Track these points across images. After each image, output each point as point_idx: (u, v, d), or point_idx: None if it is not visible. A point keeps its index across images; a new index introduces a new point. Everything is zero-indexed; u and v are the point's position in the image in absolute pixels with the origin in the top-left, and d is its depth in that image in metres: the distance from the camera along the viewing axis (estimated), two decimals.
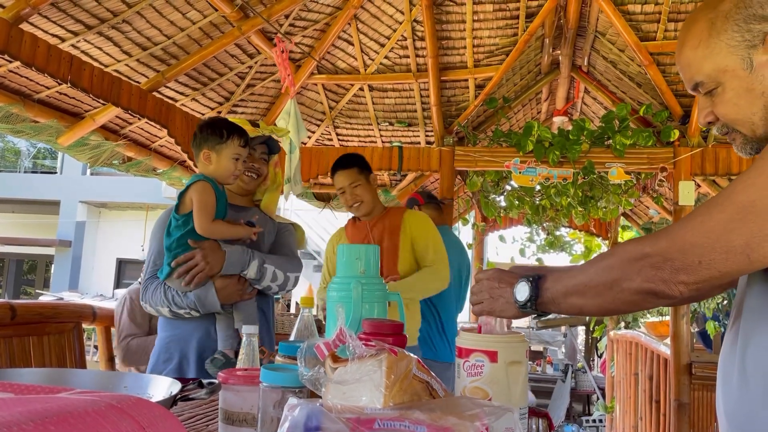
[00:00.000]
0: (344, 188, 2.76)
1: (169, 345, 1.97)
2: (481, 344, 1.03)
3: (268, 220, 2.15)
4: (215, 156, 1.92)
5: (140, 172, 4.36)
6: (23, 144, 17.16)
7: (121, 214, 16.35)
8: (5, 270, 17.73)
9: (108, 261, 16.27)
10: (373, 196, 2.80)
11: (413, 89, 4.69)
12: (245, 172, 2.06)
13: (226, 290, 1.88)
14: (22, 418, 0.47)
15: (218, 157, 1.92)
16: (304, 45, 4.24)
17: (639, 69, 4.24)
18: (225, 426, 1.01)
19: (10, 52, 2.66)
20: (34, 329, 2.13)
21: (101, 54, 3.43)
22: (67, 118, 3.67)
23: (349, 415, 0.75)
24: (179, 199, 1.91)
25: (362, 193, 2.75)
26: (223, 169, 1.92)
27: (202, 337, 1.94)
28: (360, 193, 2.75)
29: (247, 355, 1.27)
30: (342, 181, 2.76)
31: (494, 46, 4.43)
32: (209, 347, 1.91)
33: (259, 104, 4.57)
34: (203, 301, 1.86)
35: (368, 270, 1.31)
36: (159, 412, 0.62)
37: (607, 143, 4.32)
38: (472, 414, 0.73)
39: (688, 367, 4.06)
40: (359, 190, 2.75)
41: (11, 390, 0.59)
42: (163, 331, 2.01)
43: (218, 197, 1.91)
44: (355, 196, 2.75)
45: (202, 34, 3.67)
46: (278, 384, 0.93)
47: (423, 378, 0.84)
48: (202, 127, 1.96)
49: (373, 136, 5.13)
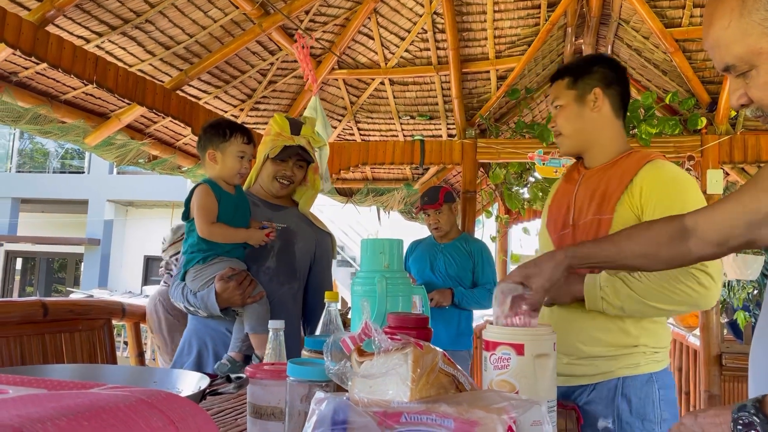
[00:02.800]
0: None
1: (192, 337, 2.01)
2: (508, 337, 1.03)
3: (306, 223, 2.14)
4: (220, 155, 1.93)
5: (165, 170, 4.42)
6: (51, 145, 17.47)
7: (148, 212, 16.58)
8: (37, 268, 18.11)
9: (135, 258, 16.52)
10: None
11: (434, 82, 4.67)
12: (278, 179, 2.06)
13: (224, 294, 1.85)
14: (55, 413, 0.48)
15: (223, 156, 1.93)
16: (324, 40, 4.25)
17: (664, 56, 4.16)
18: (253, 420, 1.02)
19: (36, 54, 2.71)
20: (65, 326, 2.17)
21: (125, 54, 3.47)
22: (94, 118, 3.73)
23: (376, 409, 0.75)
24: (186, 205, 1.93)
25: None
26: (229, 168, 1.93)
27: (220, 332, 1.96)
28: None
29: (274, 349, 1.28)
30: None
31: (516, 37, 4.38)
32: (226, 343, 1.93)
33: (280, 101, 4.59)
34: (205, 302, 1.87)
35: (392, 264, 1.31)
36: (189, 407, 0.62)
37: (633, 132, 4.25)
38: (499, 407, 0.73)
39: (719, 358, 4.00)
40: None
41: (44, 386, 0.60)
42: (190, 322, 2.05)
43: (225, 199, 1.91)
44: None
45: (224, 32, 3.70)
46: (305, 378, 0.93)
47: (449, 371, 0.83)
48: (205, 128, 1.98)
49: (395, 130, 5.12)
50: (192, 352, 1.98)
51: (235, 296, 1.84)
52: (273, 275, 1.99)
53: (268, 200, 2.10)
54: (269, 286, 1.95)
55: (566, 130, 1.67)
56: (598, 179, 1.63)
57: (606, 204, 1.56)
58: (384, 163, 4.69)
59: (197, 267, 1.91)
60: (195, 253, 1.91)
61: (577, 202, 1.65)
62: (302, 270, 2.08)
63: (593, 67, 1.67)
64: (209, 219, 1.87)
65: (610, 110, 1.66)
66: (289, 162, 2.06)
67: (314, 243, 2.12)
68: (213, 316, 1.91)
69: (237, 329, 1.90)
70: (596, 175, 1.65)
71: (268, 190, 2.09)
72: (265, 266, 1.99)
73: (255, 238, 1.91)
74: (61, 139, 3.79)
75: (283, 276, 2.01)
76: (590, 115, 1.65)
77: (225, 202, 1.91)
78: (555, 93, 1.71)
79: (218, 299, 1.85)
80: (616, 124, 1.68)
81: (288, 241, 2.04)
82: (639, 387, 1.51)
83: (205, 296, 1.86)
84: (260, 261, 1.99)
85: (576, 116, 1.66)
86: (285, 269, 2.02)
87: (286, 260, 2.03)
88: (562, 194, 1.74)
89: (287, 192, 2.11)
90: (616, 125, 1.68)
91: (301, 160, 2.07)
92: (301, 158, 2.07)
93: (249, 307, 1.87)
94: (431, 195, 3.49)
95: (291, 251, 2.03)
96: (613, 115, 1.67)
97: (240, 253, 1.94)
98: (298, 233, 2.07)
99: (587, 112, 1.65)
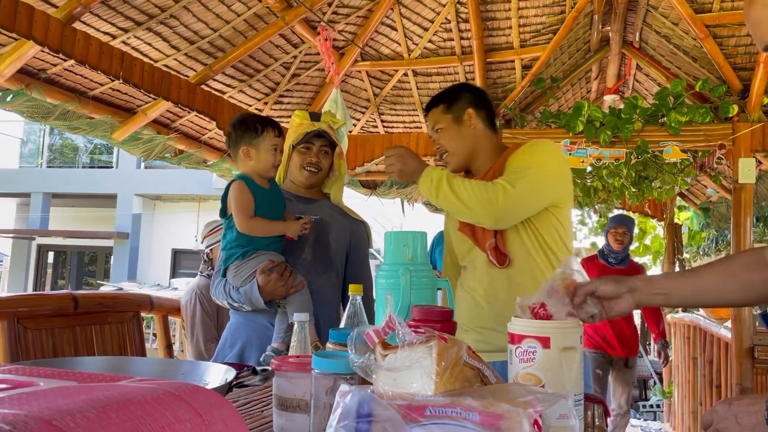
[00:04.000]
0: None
1: (235, 331, 2.05)
2: (534, 330, 1.02)
3: (339, 214, 2.15)
4: (254, 151, 1.95)
5: (191, 164, 4.47)
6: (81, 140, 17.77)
7: (175, 206, 16.80)
8: (68, 262, 18.49)
9: (163, 251, 16.76)
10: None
11: (458, 72, 4.63)
12: (305, 167, 2.07)
13: (267, 287, 1.88)
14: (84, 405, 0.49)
15: (257, 151, 1.95)
16: (347, 32, 4.24)
17: (694, 42, 4.07)
18: (279, 412, 1.02)
19: (64, 50, 2.75)
20: (95, 318, 2.22)
21: (151, 50, 3.51)
22: (121, 114, 3.78)
23: (401, 402, 0.75)
24: (222, 203, 1.95)
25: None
26: (264, 162, 1.95)
27: (264, 326, 1.98)
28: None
29: (299, 342, 1.28)
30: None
31: (541, 25, 4.32)
32: (269, 336, 1.95)
33: (304, 94, 4.60)
34: (249, 297, 1.90)
35: (416, 256, 1.30)
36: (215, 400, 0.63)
37: (662, 121, 4.17)
38: (524, 401, 0.72)
39: (750, 350, 3.92)
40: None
41: (74, 378, 0.62)
42: (233, 317, 2.09)
43: (260, 194, 1.93)
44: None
45: (247, 26, 3.71)
46: (330, 371, 0.93)
47: (474, 365, 0.83)
48: (234, 125, 2.00)
49: (419, 122, 5.10)
50: (235, 346, 2.01)
51: (277, 288, 1.88)
52: (310, 267, 2.02)
53: (300, 194, 2.13)
54: (307, 278, 1.98)
55: (451, 148, 1.92)
56: (498, 165, 1.87)
57: (498, 171, 1.82)
58: None
59: (237, 263, 1.94)
60: (234, 248, 1.94)
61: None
62: (338, 260, 2.10)
63: (461, 93, 1.95)
64: (247, 214, 1.90)
65: (483, 125, 1.93)
66: (314, 149, 2.08)
67: (348, 232, 2.14)
68: (256, 310, 1.94)
69: (279, 321, 1.93)
70: (486, 177, 1.87)
71: (298, 182, 2.11)
72: (302, 258, 2.02)
73: (293, 229, 1.93)
74: (89, 135, 3.85)
75: (320, 267, 2.04)
76: (468, 132, 1.91)
77: (260, 197, 1.94)
78: (434, 119, 1.95)
79: (261, 292, 1.88)
80: (492, 136, 1.96)
81: (322, 232, 2.06)
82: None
83: (248, 291, 1.90)
84: (296, 254, 2.02)
85: (456, 134, 1.91)
86: (321, 260, 2.05)
87: (322, 251, 2.06)
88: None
89: (316, 180, 2.12)
90: (491, 137, 1.95)
91: (325, 145, 2.08)
92: (325, 144, 2.08)
93: (292, 298, 1.91)
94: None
95: (326, 242, 2.06)
96: (487, 128, 1.94)
97: (278, 246, 1.97)
98: (332, 224, 2.09)
99: (465, 130, 1.91)
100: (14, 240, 17.69)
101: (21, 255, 17.58)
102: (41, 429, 0.43)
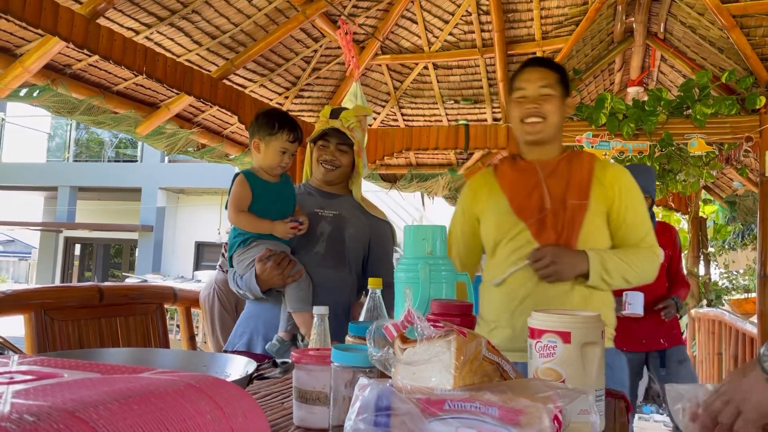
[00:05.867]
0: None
1: (244, 321, 2.08)
2: (554, 325, 1.01)
3: (360, 211, 2.15)
4: (263, 146, 1.97)
5: (214, 158, 4.51)
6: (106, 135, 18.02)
7: (198, 199, 16.97)
8: (94, 254, 18.80)
9: (187, 244, 16.95)
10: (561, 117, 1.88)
11: (479, 65, 4.60)
12: (321, 163, 2.08)
13: (263, 275, 1.89)
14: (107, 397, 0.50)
15: (266, 147, 1.97)
16: (367, 26, 4.23)
17: (720, 33, 3.98)
18: (299, 404, 1.03)
19: (89, 46, 2.79)
20: (120, 310, 2.26)
21: (173, 45, 3.54)
22: (144, 108, 3.83)
23: (420, 396, 0.75)
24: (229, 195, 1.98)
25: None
26: (270, 160, 1.97)
27: (271, 315, 2.00)
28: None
29: (319, 335, 1.29)
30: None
31: (563, 17, 4.27)
32: (277, 325, 1.97)
33: (324, 87, 4.61)
34: (249, 285, 1.93)
35: (435, 250, 1.30)
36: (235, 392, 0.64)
37: (687, 113, 4.10)
38: (544, 396, 0.72)
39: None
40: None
41: (98, 370, 0.63)
42: (246, 307, 2.12)
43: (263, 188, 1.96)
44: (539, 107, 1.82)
45: (268, 21, 3.72)
46: (349, 364, 0.94)
47: (493, 359, 0.83)
48: (258, 115, 2.02)
49: (439, 115, 5.08)
50: (244, 335, 2.04)
51: (274, 276, 1.88)
52: (321, 260, 2.02)
53: (322, 188, 2.13)
54: (316, 271, 1.98)
55: (550, 119, 1.81)
56: (565, 169, 1.82)
57: (581, 191, 1.78)
58: (428, 149, 4.66)
59: (239, 251, 1.97)
60: (236, 237, 1.98)
61: (551, 189, 1.79)
62: (353, 257, 2.09)
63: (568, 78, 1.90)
64: (237, 207, 1.93)
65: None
66: (330, 146, 2.08)
67: (368, 231, 2.13)
68: (263, 298, 1.96)
69: (283, 309, 1.95)
70: (558, 166, 1.83)
71: (317, 177, 2.13)
72: (314, 251, 2.03)
73: (279, 231, 1.93)
74: (114, 129, 3.91)
75: (332, 261, 2.04)
76: (563, 116, 1.85)
77: (263, 191, 1.95)
78: (546, 79, 1.81)
79: (258, 281, 1.90)
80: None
81: (338, 227, 2.06)
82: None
83: (248, 279, 1.92)
84: (309, 246, 2.03)
85: (558, 109, 1.82)
86: (334, 255, 2.04)
87: (336, 246, 2.05)
88: (521, 183, 1.85)
89: (334, 177, 2.12)
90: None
91: (343, 143, 2.09)
92: (342, 141, 2.08)
93: (289, 287, 1.91)
94: None
95: (341, 237, 2.06)
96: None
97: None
98: (350, 220, 2.09)
99: (564, 110, 1.85)
100: (42, 233, 18.05)
101: (49, 247, 17.93)
102: (64, 420, 0.44)
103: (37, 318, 1.92)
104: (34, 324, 1.91)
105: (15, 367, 0.62)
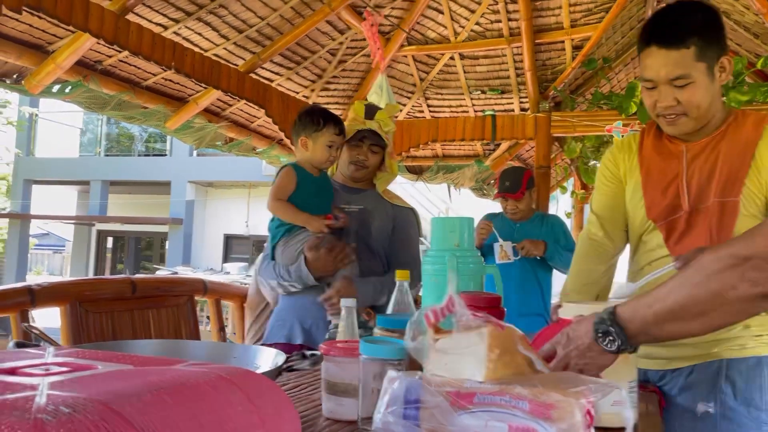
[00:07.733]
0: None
1: (283, 314, 2.09)
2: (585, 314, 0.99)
3: (384, 203, 2.17)
4: (311, 143, 2.02)
5: (241, 151, 4.55)
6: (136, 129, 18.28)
7: (226, 193, 17.14)
8: (126, 247, 19.15)
9: (216, 237, 17.16)
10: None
11: (506, 55, 4.55)
12: (353, 163, 2.11)
13: (316, 263, 1.91)
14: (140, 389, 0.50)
15: (314, 144, 2.02)
16: (393, 17, 4.21)
17: (756, 18, 3.87)
18: (328, 396, 1.04)
19: (118, 42, 2.83)
20: (152, 302, 2.29)
21: (201, 39, 3.57)
22: (173, 103, 3.87)
23: (449, 389, 0.75)
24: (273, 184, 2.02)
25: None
26: (319, 155, 2.02)
27: (312, 307, 2.01)
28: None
29: (346, 327, 1.29)
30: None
31: (593, 4, 4.19)
32: (317, 317, 1.98)
33: (350, 80, 4.61)
34: (299, 275, 1.94)
35: (462, 243, 1.29)
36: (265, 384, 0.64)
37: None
38: (577, 391, 0.71)
39: None
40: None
41: (131, 362, 0.64)
42: (281, 301, 2.13)
43: (309, 181, 2.00)
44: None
45: (294, 14, 3.73)
46: (377, 356, 0.94)
47: (527, 354, 0.82)
48: (301, 114, 2.07)
49: (465, 106, 5.04)
50: (284, 328, 2.05)
51: (327, 263, 1.91)
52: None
53: (347, 184, 2.17)
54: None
55: (696, 112, 1.38)
56: (714, 155, 1.40)
57: (732, 185, 1.36)
58: (454, 140, 4.63)
59: (283, 240, 2.00)
60: (280, 227, 2.01)
61: (692, 183, 1.41)
62: (380, 248, 2.12)
63: (717, 23, 1.36)
64: (278, 196, 1.98)
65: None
66: (363, 147, 2.11)
67: (391, 219, 2.15)
68: (302, 291, 1.97)
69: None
70: (707, 149, 1.42)
71: (346, 174, 2.16)
72: None
73: (314, 225, 1.96)
74: (143, 124, 3.96)
75: (362, 254, 2.06)
76: (715, 88, 1.38)
77: (308, 184, 2.00)
78: (681, 67, 1.33)
79: (310, 268, 1.91)
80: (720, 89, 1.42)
81: (365, 221, 2.10)
82: (745, 371, 1.39)
83: (298, 268, 1.94)
84: None
85: (705, 92, 1.36)
86: (364, 248, 2.08)
87: (364, 240, 2.09)
88: (659, 171, 1.47)
89: (363, 176, 2.14)
90: (720, 90, 1.40)
91: (375, 144, 2.10)
92: (375, 143, 2.10)
93: (339, 274, 1.93)
94: (513, 183, 3.27)
95: (368, 230, 2.09)
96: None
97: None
98: (375, 213, 2.12)
99: (715, 86, 1.38)
100: (76, 226, 18.45)
101: (82, 240, 18.33)
102: (99, 411, 0.44)
103: (72, 310, 1.96)
104: (69, 316, 1.95)
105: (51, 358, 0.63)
